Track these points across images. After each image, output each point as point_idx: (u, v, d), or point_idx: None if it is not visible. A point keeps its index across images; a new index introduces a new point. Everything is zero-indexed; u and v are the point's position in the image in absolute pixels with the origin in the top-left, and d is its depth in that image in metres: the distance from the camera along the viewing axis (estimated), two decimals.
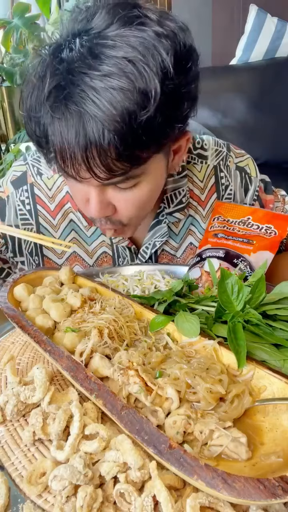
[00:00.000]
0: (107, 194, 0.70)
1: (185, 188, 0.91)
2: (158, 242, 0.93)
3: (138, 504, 0.37)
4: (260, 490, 0.33)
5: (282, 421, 0.45)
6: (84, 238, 0.94)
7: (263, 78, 2.01)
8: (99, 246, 0.95)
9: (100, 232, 0.94)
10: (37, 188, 0.91)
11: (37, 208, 0.92)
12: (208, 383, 0.47)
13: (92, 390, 0.46)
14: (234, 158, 0.96)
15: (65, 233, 0.93)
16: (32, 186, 0.91)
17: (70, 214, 0.92)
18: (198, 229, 0.96)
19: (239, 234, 0.82)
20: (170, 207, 0.91)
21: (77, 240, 0.94)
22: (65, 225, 0.93)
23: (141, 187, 0.70)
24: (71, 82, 0.59)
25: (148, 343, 0.57)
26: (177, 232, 0.96)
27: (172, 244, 0.97)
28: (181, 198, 0.91)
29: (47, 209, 0.92)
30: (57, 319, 0.62)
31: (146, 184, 0.71)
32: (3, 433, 0.48)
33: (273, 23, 2.07)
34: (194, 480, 0.35)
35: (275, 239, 0.79)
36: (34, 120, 0.66)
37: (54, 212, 0.92)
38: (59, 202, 0.92)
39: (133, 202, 0.72)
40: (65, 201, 0.92)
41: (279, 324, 0.57)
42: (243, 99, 1.98)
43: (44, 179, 0.91)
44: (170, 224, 0.94)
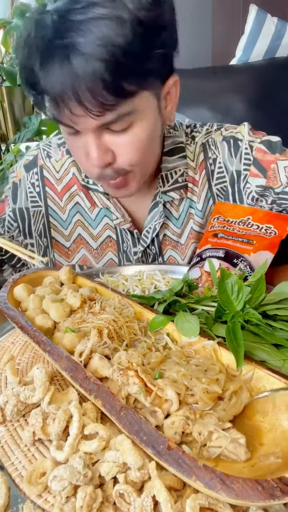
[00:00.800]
0: (104, 139, 0.73)
1: (182, 168, 0.92)
2: (157, 224, 0.93)
3: (138, 505, 0.37)
4: (258, 491, 0.33)
5: (281, 421, 0.45)
6: (89, 221, 0.97)
7: (263, 78, 2.00)
8: (104, 229, 0.97)
9: (104, 214, 0.96)
10: (46, 171, 0.96)
11: (46, 190, 0.96)
12: (204, 384, 0.47)
13: (91, 390, 0.46)
14: (223, 131, 0.94)
15: (71, 215, 0.97)
16: (42, 169, 0.96)
17: (76, 196, 0.96)
18: (196, 211, 0.96)
19: (239, 234, 0.82)
20: (165, 186, 0.92)
21: (82, 223, 0.97)
22: (71, 207, 0.96)
23: (135, 129, 0.73)
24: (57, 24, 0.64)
25: (147, 343, 0.57)
26: (177, 216, 0.96)
27: (173, 229, 0.97)
28: (176, 177, 0.92)
29: (55, 191, 0.96)
30: (56, 320, 0.63)
31: (139, 125, 0.74)
32: (3, 433, 0.48)
33: (273, 23, 2.07)
34: (193, 481, 0.35)
35: (275, 239, 0.79)
36: (27, 68, 0.68)
37: (61, 193, 0.96)
38: (66, 184, 0.95)
39: (130, 145, 0.74)
40: (72, 184, 0.95)
41: (279, 324, 0.58)
42: (243, 99, 1.98)
43: (52, 162, 0.96)
44: (169, 207, 0.95)
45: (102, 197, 0.94)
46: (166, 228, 0.97)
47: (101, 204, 0.95)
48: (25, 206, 0.97)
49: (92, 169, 0.77)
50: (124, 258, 0.99)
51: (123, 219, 0.94)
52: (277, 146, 0.88)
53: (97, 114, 0.67)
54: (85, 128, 0.71)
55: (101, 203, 0.95)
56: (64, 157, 0.96)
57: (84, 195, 0.95)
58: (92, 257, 0.99)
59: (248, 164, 0.89)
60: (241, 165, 0.90)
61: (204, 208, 0.95)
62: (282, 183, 0.86)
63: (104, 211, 0.96)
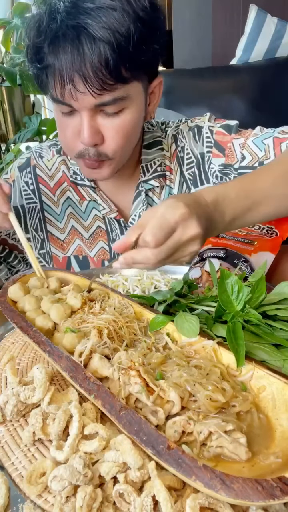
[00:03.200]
0: (97, 121, 0.79)
1: (160, 159, 1.00)
2: (141, 211, 1.00)
3: (138, 504, 0.37)
4: (258, 491, 0.33)
5: (281, 421, 0.45)
6: (79, 214, 1.05)
7: (263, 78, 2.00)
8: (94, 220, 1.05)
9: (92, 206, 1.03)
10: (39, 169, 1.04)
11: (40, 187, 1.04)
12: (208, 390, 0.46)
13: (91, 390, 0.46)
14: (189, 123, 1.02)
15: (63, 208, 1.05)
16: (35, 168, 1.04)
17: (67, 192, 1.04)
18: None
19: (240, 234, 0.82)
20: (146, 175, 1.00)
21: (74, 215, 1.05)
22: (63, 201, 1.04)
23: (126, 114, 0.81)
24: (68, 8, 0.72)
25: (147, 344, 0.57)
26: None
27: None
28: (156, 167, 1.00)
29: (48, 187, 1.04)
30: (57, 321, 0.62)
31: (129, 112, 0.81)
32: (3, 433, 0.48)
33: (273, 23, 2.07)
34: (192, 481, 0.35)
35: (276, 240, 0.79)
36: (36, 46, 0.75)
37: (54, 189, 1.04)
38: (58, 180, 1.04)
39: (119, 130, 0.81)
40: (63, 181, 1.04)
41: (279, 324, 0.58)
42: (243, 99, 1.98)
43: (44, 161, 1.05)
44: (151, 195, 1.02)
45: (89, 191, 1.02)
46: None
47: (88, 197, 1.02)
48: (20, 204, 1.04)
49: (77, 147, 0.83)
50: None
51: (110, 209, 1.01)
52: (234, 128, 0.97)
53: (97, 93, 0.73)
54: (82, 106, 0.76)
55: (88, 196, 1.02)
56: (54, 156, 1.04)
57: (73, 190, 1.03)
58: (85, 246, 1.06)
59: (210, 146, 0.98)
60: (204, 148, 0.98)
61: (180, 192, 1.03)
62: (238, 158, 0.93)
63: (92, 203, 1.03)
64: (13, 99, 2.70)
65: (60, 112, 0.82)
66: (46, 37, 0.73)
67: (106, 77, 0.72)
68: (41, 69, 0.77)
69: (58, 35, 0.72)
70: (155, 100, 0.90)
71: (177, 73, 2.20)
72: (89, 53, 0.70)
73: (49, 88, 0.79)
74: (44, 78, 0.79)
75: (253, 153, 0.92)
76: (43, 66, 0.76)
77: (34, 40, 0.76)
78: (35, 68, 0.79)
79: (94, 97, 0.74)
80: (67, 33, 0.71)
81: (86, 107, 0.77)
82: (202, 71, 2.14)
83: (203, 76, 2.11)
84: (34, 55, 0.77)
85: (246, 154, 0.92)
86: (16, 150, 2.44)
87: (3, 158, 2.59)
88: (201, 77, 2.10)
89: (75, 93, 0.74)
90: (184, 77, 2.10)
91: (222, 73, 2.11)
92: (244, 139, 0.94)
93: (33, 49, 0.77)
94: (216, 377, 0.49)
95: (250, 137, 0.94)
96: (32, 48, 0.77)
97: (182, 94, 1.99)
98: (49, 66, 0.75)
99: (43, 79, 0.79)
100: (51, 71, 0.75)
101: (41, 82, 0.81)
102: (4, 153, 2.72)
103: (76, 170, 1.01)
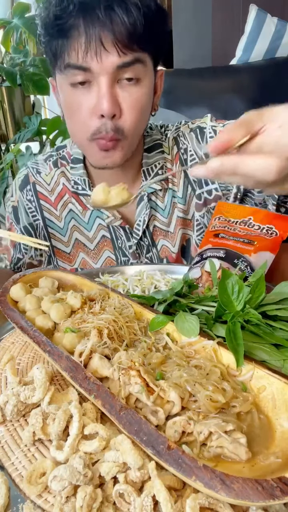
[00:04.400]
0: (115, 91, 0.81)
1: (161, 161, 1.00)
2: (145, 216, 1.00)
3: (138, 504, 0.37)
4: (258, 491, 0.33)
5: (281, 421, 0.45)
6: (83, 225, 1.04)
7: (263, 78, 2.00)
8: (98, 230, 1.04)
9: (96, 215, 1.03)
10: (39, 185, 1.04)
11: (41, 203, 1.04)
12: (208, 391, 0.46)
13: (91, 390, 0.46)
14: (190, 125, 1.02)
15: (66, 221, 1.04)
16: (34, 185, 1.04)
17: (69, 204, 1.03)
18: (178, 199, 1.03)
19: (240, 234, 0.82)
20: (148, 179, 1.00)
21: (77, 228, 1.04)
22: (66, 214, 1.04)
23: (141, 87, 0.83)
24: None
25: (147, 344, 0.57)
26: (163, 207, 1.03)
27: (162, 220, 1.04)
28: (157, 170, 1.00)
29: (49, 202, 1.04)
30: (57, 321, 0.63)
31: (144, 85, 0.83)
32: (3, 433, 0.48)
33: (273, 23, 2.07)
34: (192, 481, 0.35)
35: (276, 239, 0.79)
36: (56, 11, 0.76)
37: (55, 203, 1.04)
38: (58, 194, 1.04)
39: (136, 102, 0.83)
40: (63, 193, 1.03)
41: (279, 324, 0.57)
42: (243, 99, 1.98)
43: (43, 176, 1.04)
44: (154, 199, 1.02)
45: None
46: (155, 219, 1.03)
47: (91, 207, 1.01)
48: (28, 222, 1.05)
49: (92, 124, 0.83)
50: (120, 254, 1.04)
51: (114, 217, 1.00)
52: None
53: (123, 50, 0.77)
54: (104, 68, 0.78)
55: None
56: (52, 170, 1.04)
57: (75, 200, 1.03)
58: (90, 259, 1.05)
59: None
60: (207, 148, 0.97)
61: (185, 195, 1.02)
62: None
63: (96, 212, 1.02)
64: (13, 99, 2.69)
65: (70, 86, 0.82)
66: (69, 4, 0.75)
67: (133, 36, 0.75)
68: (61, 32, 0.77)
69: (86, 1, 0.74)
70: (158, 91, 0.93)
71: (177, 73, 2.19)
72: (119, 12, 0.74)
73: (66, 52, 0.79)
74: (61, 43, 0.79)
75: None
76: (65, 28, 0.77)
77: (54, 7, 0.77)
78: (52, 34, 0.79)
79: (119, 56, 0.76)
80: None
81: (107, 69, 0.78)
82: (202, 71, 2.14)
83: (203, 76, 2.11)
84: (53, 19, 0.77)
85: None
86: (16, 150, 2.44)
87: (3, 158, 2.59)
88: (201, 77, 2.10)
89: (101, 51, 0.76)
90: (184, 77, 2.10)
91: (222, 73, 2.11)
92: None
93: (54, 14, 0.77)
94: (216, 377, 0.49)
95: None
96: (51, 13, 0.77)
97: (182, 94, 1.99)
98: (72, 27, 0.76)
99: (59, 45, 0.79)
100: (75, 32, 0.76)
101: (55, 49, 0.80)
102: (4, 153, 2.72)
103: (77, 180, 1.00)
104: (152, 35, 0.80)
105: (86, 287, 0.74)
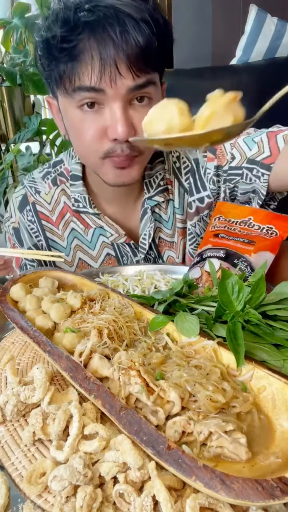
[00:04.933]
0: (129, 113, 0.77)
1: (162, 172, 0.98)
2: (150, 229, 0.98)
3: (138, 504, 0.37)
4: (258, 491, 0.33)
5: (281, 421, 0.45)
6: (86, 243, 1.00)
7: (263, 78, 2.00)
8: (102, 248, 1.00)
9: (99, 233, 0.99)
10: (39, 205, 1.00)
11: (42, 223, 1.00)
12: (208, 391, 0.46)
13: (91, 390, 0.46)
14: None
15: (69, 241, 1.01)
16: (34, 205, 1.00)
17: (71, 223, 1.00)
18: (175, 209, 1.01)
19: (240, 234, 0.82)
20: (150, 192, 0.97)
21: (80, 247, 1.01)
22: (68, 234, 1.00)
23: (152, 104, 0.76)
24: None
25: (147, 344, 0.57)
26: (167, 219, 1.01)
27: (166, 231, 1.02)
28: (158, 182, 0.98)
29: (51, 222, 1.00)
30: (57, 320, 0.63)
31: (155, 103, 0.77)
32: (3, 433, 0.48)
33: (273, 23, 2.07)
34: (192, 481, 0.35)
35: (276, 239, 0.79)
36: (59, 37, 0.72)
37: (57, 222, 1.00)
38: (59, 213, 1.00)
39: None
40: (65, 212, 1.00)
41: (279, 324, 0.58)
42: (243, 99, 1.97)
43: (42, 196, 1.00)
44: (158, 211, 1.00)
45: (93, 218, 0.98)
46: (160, 232, 1.02)
47: (94, 225, 0.99)
48: (32, 244, 1.01)
49: (103, 146, 0.79)
50: None
51: (118, 234, 0.98)
52: None
53: (137, 74, 0.74)
54: (117, 92, 0.74)
55: (93, 223, 0.99)
56: (51, 189, 1.00)
57: (77, 219, 0.99)
58: None
59: (204, 151, 0.96)
60: (197, 153, 0.97)
61: (181, 205, 1.00)
62: (228, 159, 0.91)
63: (99, 230, 0.99)
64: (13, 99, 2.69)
65: (77, 109, 0.78)
66: (76, 25, 0.71)
67: (147, 59, 0.73)
68: (70, 56, 0.73)
69: (94, 19, 0.71)
70: None
71: (177, 73, 2.19)
72: (133, 33, 0.70)
73: (76, 76, 0.74)
74: (70, 67, 0.74)
75: (242, 152, 0.90)
76: (76, 52, 0.72)
77: (59, 28, 0.72)
78: (58, 58, 0.74)
79: (133, 79, 0.74)
80: (104, 16, 0.70)
81: (121, 93, 0.75)
82: (202, 71, 2.14)
83: (203, 76, 2.11)
84: (60, 42, 0.73)
85: (236, 154, 0.91)
86: (16, 150, 2.44)
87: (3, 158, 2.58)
88: (201, 77, 2.10)
89: (116, 76, 0.72)
90: (184, 77, 2.10)
91: (222, 73, 2.11)
92: (235, 138, 0.91)
93: (60, 36, 0.72)
94: (216, 377, 0.49)
95: (242, 135, 0.92)
96: (56, 35, 0.73)
97: (182, 94, 1.98)
98: (83, 50, 0.72)
99: (67, 68, 0.74)
100: (87, 55, 0.72)
101: (62, 72, 0.75)
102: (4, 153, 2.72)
103: (78, 198, 0.97)
104: (163, 52, 0.77)
105: (86, 287, 0.74)
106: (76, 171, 0.97)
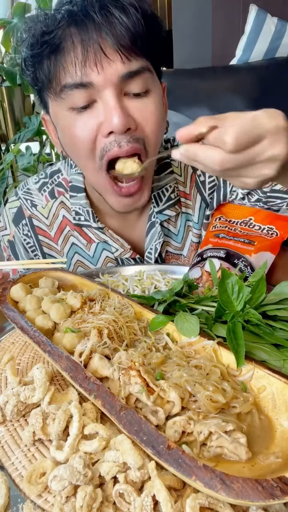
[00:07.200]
0: (125, 104, 0.72)
1: (172, 184, 0.91)
2: (157, 244, 0.92)
3: (138, 504, 0.37)
4: (258, 491, 0.33)
5: (281, 421, 0.45)
6: (88, 259, 0.96)
7: (263, 78, 2.01)
8: (105, 264, 0.95)
9: (102, 248, 0.94)
10: (36, 220, 0.94)
11: (39, 238, 0.95)
12: (208, 391, 0.46)
13: (91, 390, 0.46)
14: None
15: (69, 257, 0.96)
16: (31, 219, 0.95)
17: (71, 237, 0.94)
18: (193, 224, 0.96)
19: (240, 234, 0.82)
20: (159, 205, 0.91)
21: (82, 263, 0.96)
22: (68, 249, 0.95)
23: (152, 96, 0.75)
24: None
25: (147, 344, 0.57)
26: (176, 232, 0.96)
27: (175, 245, 0.97)
28: (169, 194, 0.92)
29: (49, 237, 0.95)
30: (57, 320, 0.62)
31: (154, 95, 0.75)
32: (3, 433, 0.48)
33: (273, 23, 2.07)
34: (192, 481, 0.35)
35: (276, 240, 0.79)
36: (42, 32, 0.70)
37: (56, 238, 0.95)
38: (58, 227, 0.94)
39: (149, 112, 0.74)
40: (64, 226, 0.94)
41: (279, 324, 0.58)
42: (243, 99, 1.98)
43: (39, 209, 0.94)
44: (167, 225, 0.95)
45: (97, 232, 0.93)
46: (168, 245, 0.97)
47: (97, 239, 0.93)
48: (28, 259, 0.97)
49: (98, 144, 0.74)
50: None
51: (123, 249, 0.93)
52: None
53: (125, 54, 0.69)
54: (108, 80, 0.70)
55: (97, 238, 0.93)
56: (49, 201, 0.94)
57: (78, 233, 0.93)
58: None
59: None
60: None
61: (200, 219, 0.95)
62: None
63: (102, 245, 0.94)
64: (13, 99, 2.70)
65: (69, 112, 0.73)
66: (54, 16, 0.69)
67: (136, 39, 0.69)
68: (52, 46, 0.69)
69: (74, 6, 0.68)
70: (165, 106, 0.86)
71: (177, 73, 2.20)
72: (116, 12, 0.67)
73: (61, 70, 0.70)
74: (53, 61, 0.70)
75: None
76: (56, 41, 0.69)
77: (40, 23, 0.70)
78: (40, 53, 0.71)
79: (123, 62, 0.69)
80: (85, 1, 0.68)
81: (112, 80, 0.69)
82: (202, 71, 2.14)
83: (203, 76, 2.11)
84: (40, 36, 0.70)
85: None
86: (16, 150, 2.44)
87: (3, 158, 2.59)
88: (201, 77, 2.10)
89: (101, 59, 0.68)
90: (184, 77, 2.10)
91: (222, 73, 2.11)
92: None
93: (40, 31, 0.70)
94: (216, 377, 0.49)
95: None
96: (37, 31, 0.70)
97: (182, 94, 1.99)
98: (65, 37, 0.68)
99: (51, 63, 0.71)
100: (68, 42, 0.69)
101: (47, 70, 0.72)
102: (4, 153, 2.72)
103: (78, 210, 0.90)
104: (152, 40, 0.72)
105: (86, 287, 0.74)
106: (77, 182, 0.91)
